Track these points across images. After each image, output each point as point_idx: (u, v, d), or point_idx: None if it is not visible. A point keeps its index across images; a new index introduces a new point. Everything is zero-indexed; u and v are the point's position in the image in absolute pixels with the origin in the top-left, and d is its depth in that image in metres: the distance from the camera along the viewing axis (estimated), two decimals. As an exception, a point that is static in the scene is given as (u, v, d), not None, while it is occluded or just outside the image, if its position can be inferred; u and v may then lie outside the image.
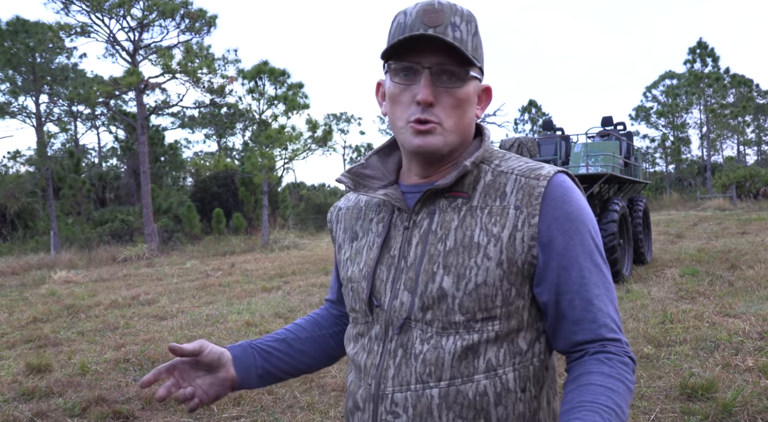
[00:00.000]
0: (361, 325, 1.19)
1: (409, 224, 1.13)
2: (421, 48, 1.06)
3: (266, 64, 21.10)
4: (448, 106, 1.08)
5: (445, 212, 1.11)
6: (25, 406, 4.70)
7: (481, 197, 1.10)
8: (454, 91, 1.07)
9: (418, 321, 1.08)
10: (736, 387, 4.16)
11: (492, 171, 1.12)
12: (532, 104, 49.87)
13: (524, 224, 1.05)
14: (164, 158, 35.73)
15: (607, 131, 11.00)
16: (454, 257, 1.06)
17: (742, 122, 46.08)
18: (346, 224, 1.28)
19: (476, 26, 1.10)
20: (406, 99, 1.08)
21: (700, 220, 19.04)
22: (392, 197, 1.14)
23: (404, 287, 1.10)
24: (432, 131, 1.07)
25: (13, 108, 25.89)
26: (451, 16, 1.06)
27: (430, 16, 1.05)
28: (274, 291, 10.00)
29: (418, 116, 1.06)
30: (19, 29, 23.02)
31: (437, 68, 1.06)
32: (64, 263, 16.67)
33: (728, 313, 6.42)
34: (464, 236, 1.07)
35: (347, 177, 1.21)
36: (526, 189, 1.07)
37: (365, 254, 1.19)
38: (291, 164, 32.15)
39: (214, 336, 6.79)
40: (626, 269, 9.33)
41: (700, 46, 36.89)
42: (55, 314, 8.80)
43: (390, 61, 1.10)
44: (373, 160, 1.26)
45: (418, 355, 1.07)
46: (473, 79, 1.10)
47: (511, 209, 1.06)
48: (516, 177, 1.09)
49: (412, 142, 1.08)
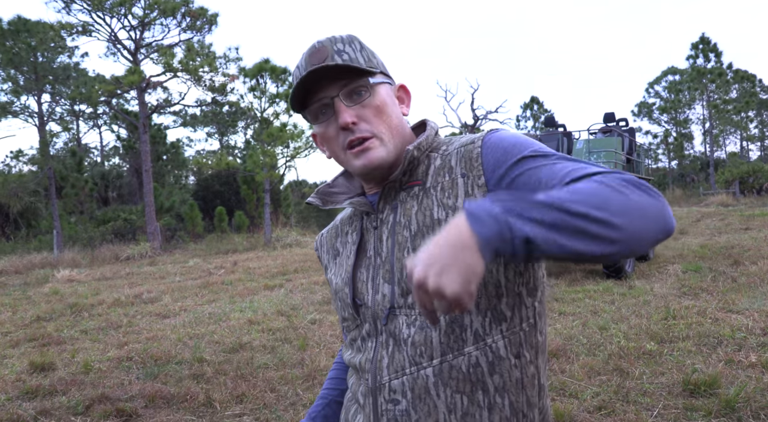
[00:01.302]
0: (353, 331, 1.22)
1: (377, 223, 1.18)
2: (321, 86, 1.12)
3: (267, 62, 21.08)
4: (370, 117, 1.12)
5: (404, 202, 1.14)
6: (28, 404, 4.71)
7: (433, 179, 1.13)
8: (369, 101, 1.12)
9: (401, 307, 1.10)
10: (739, 383, 4.15)
11: (441, 155, 1.16)
12: (534, 101, 49.82)
13: (473, 187, 1.08)
14: (166, 156, 35.76)
15: (609, 128, 10.99)
16: (420, 239, 1.09)
17: (745, 117, 46.00)
18: (328, 245, 1.34)
19: (360, 43, 1.15)
20: (333, 132, 1.14)
21: (703, 216, 19.01)
22: (357, 203, 1.19)
23: (383, 281, 1.13)
24: (370, 146, 1.12)
25: (15, 107, 25.93)
26: (332, 46, 1.11)
27: (315, 55, 1.11)
28: (276, 289, 10.01)
29: (350, 138, 1.11)
30: (20, 28, 23.04)
31: (343, 92, 1.11)
32: (67, 262, 16.71)
33: (731, 309, 6.41)
34: (425, 216, 1.10)
35: (315, 197, 1.28)
36: (466, 155, 1.11)
37: (345, 263, 1.24)
38: (293, 162, 32.18)
39: (217, 334, 6.80)
40: (629, 265, 9.32)
41: (703, 41, 36.80)
42: (58, 312, 8.82)
43: (304, 111, 1.16)
44: (339, 180, 1.32)
45: (407, 339, 1.09)
46: (380, 84, 1.15)
47: (458, 178, 1.10)
48: (457, 149, 1.14)
49: (357, 164, 1.13)
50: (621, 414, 3.84)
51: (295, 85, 1.10)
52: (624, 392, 4.21)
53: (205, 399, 4.61)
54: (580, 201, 0.84)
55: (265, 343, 6.27)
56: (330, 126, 1.13)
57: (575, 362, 4.88)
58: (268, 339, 6.44)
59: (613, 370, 4.67)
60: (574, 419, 3.84)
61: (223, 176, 30.12)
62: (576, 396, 4.21)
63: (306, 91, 1.12)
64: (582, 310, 6.85)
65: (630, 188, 0.88)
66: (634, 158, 11.47)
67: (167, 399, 4.67)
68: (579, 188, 0.87)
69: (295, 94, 1.12)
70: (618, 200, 0.85)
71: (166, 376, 5.29)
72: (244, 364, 5.51)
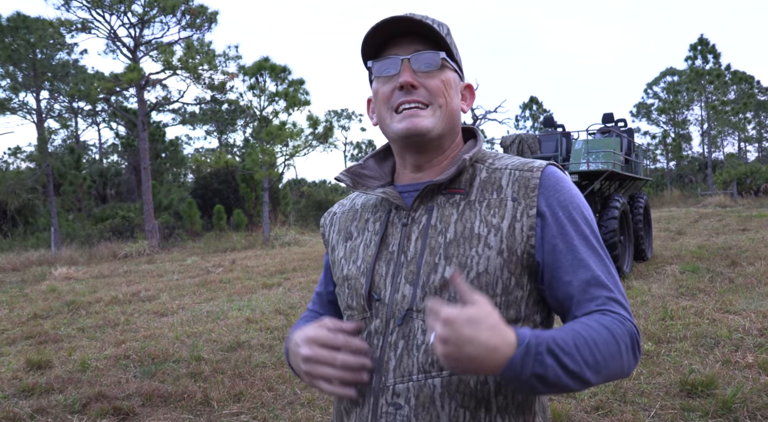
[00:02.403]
0: (358, 321, 1.19)
1: (407, 220, 1.15)
2: (396, 42, 1.12)
3: (267, 60, 21.05)
4: (432, 87, 1.12)
5: (443, 207, 1.13)
6: (25, 402, 4.70)
7: (479, 192, 1.13)
8: (435, 73, 1.12)
9: (420, 312, 1.09)
10: (736, 384, 4.16)
11: (487, 169, 1.16)
12: (533, 101, 49.82)
13: (523, 215, 1.08)
14: (165, 154, 35.72)
15: (608, 128, 10.98)
16: (455, 248, 1.08)
17: (743, 118, 46.06)
18: (341, 225, 1.30)
19: (448, 29, 1.16)
20: (389, 90, 1.13)
21: (701, 217, 19.03)
22: (390, 195, 1.17)
23: (405, 281, 1.11)
24: (418, 112, 1.11)
25: (13, 104, 25.92)
26: (422, 17, 1.12)
27: (398, 19, 1.11)
28: (274, 288, 10.01)
29: (402, 99, 1.11)
30: (19, 25, 23.00)
31: (415, 56, 1.11)
32: (64, 260, 16.68)
33: (728, 310, 6.42)
34: (464, 228, 1.09)
35: (346, 175, 1.25)
36: (522, 181, 1.11)
37: (362, 252, 1.20)
38: (292, 160, 32.19)
39: (214, 333, 6.80)
40: (627, 265, 9.33)
41: (702, 42, 36.80)
42: (55, 310, 8.81)
43: (370, 61, 1.15)
44: (370, 162, 1.30)
45: (420, 345, 1.07)
46: (450, 68, 1.15)
47: (508, 200, 1.10)
48: (510, 171, 1.13)
49: (400, 126, 1.12)
50: (618, 414, 3.85)
51: (374, 28, 1.09)
52: (621, 392, 4.22)
53: (203, 397, 4.61)
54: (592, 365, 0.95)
55: (263, 342, 6.27)
56: (389, 83, 1.13)
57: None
58: (266, 338, 6.44)
59: (611, 370, 4.66)
60: (571, 419, 3.84)
61: (222, 175, 30.09)
62: (573, 396, 4.21)
63: (381, 43, 1.12)
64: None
65: (629, 353, 1.01)
66: (632, 158, 11.48)
67: (164, 397, 4.67)
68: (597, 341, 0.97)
69: (369, 38, 1.11)
70: (615, 367, 0.99)
71: (164, 374, 5.29)
72: (242, 363, 5.51)
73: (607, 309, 1.03)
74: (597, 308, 1.04)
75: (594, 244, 1.09)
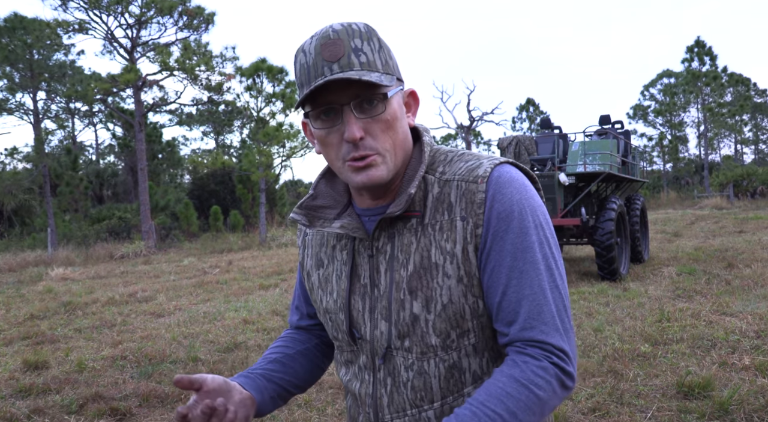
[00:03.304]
0: (347, 353, 1.19)
1: (372, 251, 1.11)
2: (330, 90, 1.02)
3: (264, 61, 21.05)
4: (378, 132, 1.04)
5: (402, 234, 1.08)
6: (22, 403, 4.69)
7: (431, 214, 1.07)
8: (380, 116, 1.03)
9: (398, 349, 1.09)
10: (732, 386, 4.17)
11: (438, 181, 1.09)
12: (530, 103, 49.90)
13: (472, 235, 1.03)
14: (162, 155, 35.70)
15: (604, 130, 11.01)
16: (416, 281, 1.05)
17: (739, 120, 46.16)
18: (312, 250, 1.25)
19: (378, 39, 1.05)
20: (335, 139, 1.05)
21: (698, 219, 19.07)
22: (349, 228, 1.11)
23: (381, 317, 1.10)
24: (372, 163, 1.04)
25: (10, 105, 25.87)
26: (349, 41, 1.01)
27: (330, 49, 1.01)
28: (271, 289, 10.00)
29: (353, 155, 1.03)
30: (16, 26, 22.97)
31: (356, 102, 1.02)
32: (61, 260, 16.65)
33: (725, 312, 6.43)
34: (422, 257, 1.05)
35: (299, 214, 1.17)
36: (468, 196, 1.04)
37: (335, 284, 1.17)
38: (288, 161, 32.11)
39: (211, 334, 6.79)
40: (623, 267, 9.35)
41: (698, 44, 36.93)
42: (52, 311, 8.79)
43: (306, 106, 1.05)
44: (321, 187, 1.21)
45: (406, 383, 1.09)
46: (396, 94, 1.07)
47: (458, 220, 1.04)
48: (457, 183, 1.06)
49: (356, 180, 1.05)
50: (615, 416, 3.86)
51: (306, 92, 1.01)
52: (618, 394, 4.22)
53: (200, 398, 4.59)
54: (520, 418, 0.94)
55: (260, 343, 6.27)
56: (333, 133, 1.04)
57: (570, 363, 4.89)
58: (263, 339, 6.44)
59: (608, 372, 4.68)
60: (568, 421, 3.85)
61: (219, 175, 30.07)
62: (570, 397, 4.22)
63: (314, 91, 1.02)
64: (576, 312, 6.86)
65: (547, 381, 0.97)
66: (629, 160, 11.51)
67: (161, 398, 4.66)
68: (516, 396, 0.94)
69: (304, 96, 1.02)
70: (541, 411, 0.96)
71: (161, 375, 5.28)
72: (239, 364, 5.51)
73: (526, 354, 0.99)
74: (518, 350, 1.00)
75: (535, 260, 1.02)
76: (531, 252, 1.01)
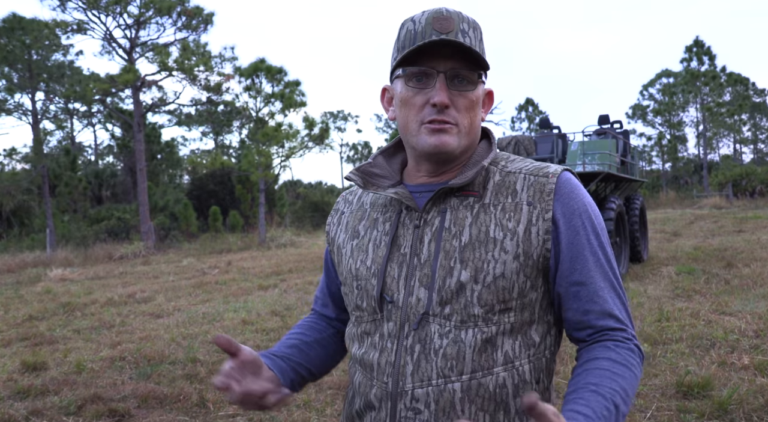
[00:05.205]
0: (367, 324, 1.18)
1: (419, 222, 1.15)
2: (434, 54, 1.09)
3: (263, 61, 21.04)
4: (462, 108, 1.11)
5: (456, 210, 1.13)
6: (20, 404, 4.68)
7: (493, 195, 1.13)
8: (468, 93, 1.11)
9: (436, 316, 1.09)
10: (732, 385, 4.17)
11: (500, 172, 1.16)
12: (529, 103, 49.91)
13: (538, 219, 1.09)
14: (161, 155, 35.69)
15: (603, 130, 11.01)
16: (470, 252, 1.09)
17: (738, 120, 46.26)
18: (348, 224, 1.28)
19: (481, 34, 1.14)
20: (420, 102, 1.11)
21: (697, 218, 19.08)
22: (402, 196, 1.16)
23: (420, 284, 1.11)
24: (448, 130, 1.10)
25: (9, 105, 25.82)
26: (459, 23, 1.09)
27: (441, 23, 1.08)
28: (270, 289, 9.99)
29: (434, 117, 1.10)
30: (15, 26, 22.94)
31: (451, 73, 1.09)
32: (60, 261, 16.63)
33: (724, 311, 6.43)
34: (479, 231, 1.10)
35: (356, 175, 1.23)
36: (537, 186, 1.12)
37: (371, 252, 1.19)
38: (288, 162, 32.11)
39: (210, 334, 6.78)
40: (623, 267, 9.34)
41: (697, 44, 36.95)
42: (50, 312, 8.78)
43: (404, 67, 1.12)
44: (379, 159, 1.28)
45: (438, 350, 1.08)
46: (482, 82, 1.15)
47: (524, 205, 1.11)
48: (525, 176, 1.14)
49: (428, 141, 1.11)
50: (614, 416, 3.85)
51: (418, 45, 1.07)
52: (617, 393, 4.21)
53: (199, 399, 4.59)
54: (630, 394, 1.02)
55: (260, 343, 6.26)
56: (420, 95, 1.11)
57: (569, 363, 4.89)
58: (262, 340, 6.43)
59: (607, 372, 4.67)
60: (567, 420, 3.84)
61: (218, 176, 30.06)
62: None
63: (417, 52, 1.09)
64: (576, 312, 6.85)
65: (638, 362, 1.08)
66: (628, 160, 11.51)
67: (160, 399, 4.65)
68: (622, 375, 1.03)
69: (412, 50, 1.09)
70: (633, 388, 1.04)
71: (159, 376, 5.27)
72: (238, 364, 5.49)
73: (615, 339, 1.08)
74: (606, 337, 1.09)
75: (600, 256, 1.11)
76: (603, 251, 1.12)
